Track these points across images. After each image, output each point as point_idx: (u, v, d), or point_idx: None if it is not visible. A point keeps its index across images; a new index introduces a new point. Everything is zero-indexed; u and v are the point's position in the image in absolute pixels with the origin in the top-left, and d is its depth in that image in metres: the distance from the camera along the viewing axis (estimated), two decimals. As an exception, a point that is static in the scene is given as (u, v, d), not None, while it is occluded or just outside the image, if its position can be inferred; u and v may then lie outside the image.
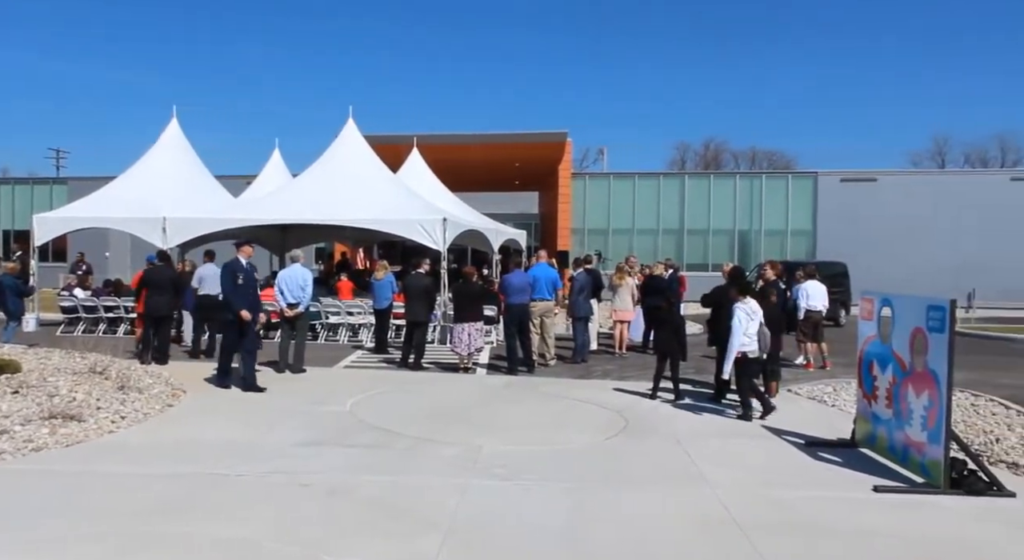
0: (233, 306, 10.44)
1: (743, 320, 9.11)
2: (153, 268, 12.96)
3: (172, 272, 13.31)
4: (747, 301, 9.26)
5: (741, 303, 9.23)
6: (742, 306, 9.20)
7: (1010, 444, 7.93)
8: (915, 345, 6.79)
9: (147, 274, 12.83)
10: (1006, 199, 32.79)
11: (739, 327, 9.08)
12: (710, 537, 5.33)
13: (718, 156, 75.02)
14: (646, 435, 8.35)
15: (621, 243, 33.90)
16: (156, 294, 12.45)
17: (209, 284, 13.58)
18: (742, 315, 9.13)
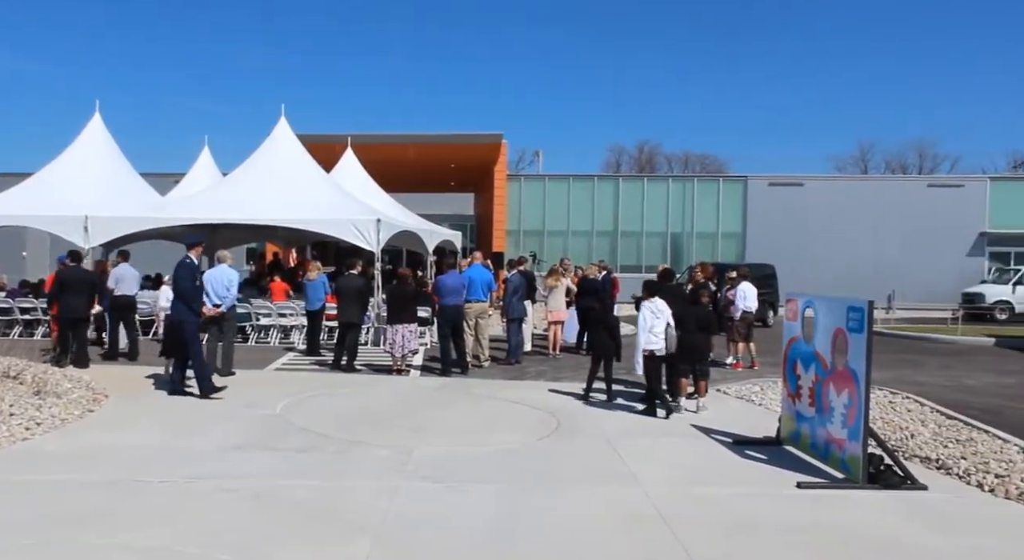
0: (196, 306, 10.21)
1: (648, 318, 9.41)
2: (66, 269, 12.47)
3: (86, 272, 12.84)
4: (654, 300, 9.55)
5: (647, 302, 9.53)
6: (648, 305, 9.52)
7: (923, 439, 8.24)
8: (836, 345, 7.00)
9: (60, 275, 12.36)
10: (924, 204, 34.09)
11: (644, 325, 9.41)
12: (638, 535, 5.40)
13: (652, 159, 76.08)
14: (578, 435, 8.42)
15: (556, 245, 34.14)
16: (71, 295, 12.00)
17: (126, 285, 13.22)
18: (647, 314, 9.44)
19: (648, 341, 9.40)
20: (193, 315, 10.21)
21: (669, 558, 5.03)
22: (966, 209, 34.02)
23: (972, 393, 11.81)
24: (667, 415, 9.37)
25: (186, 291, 10.20)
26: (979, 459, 7.42)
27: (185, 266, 10.32)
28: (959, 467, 7.21)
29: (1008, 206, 34.24)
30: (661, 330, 9.41)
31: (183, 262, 10.37)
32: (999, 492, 6.55)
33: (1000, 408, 10.55)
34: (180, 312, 10.19)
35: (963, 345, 19.19)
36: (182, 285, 10.22)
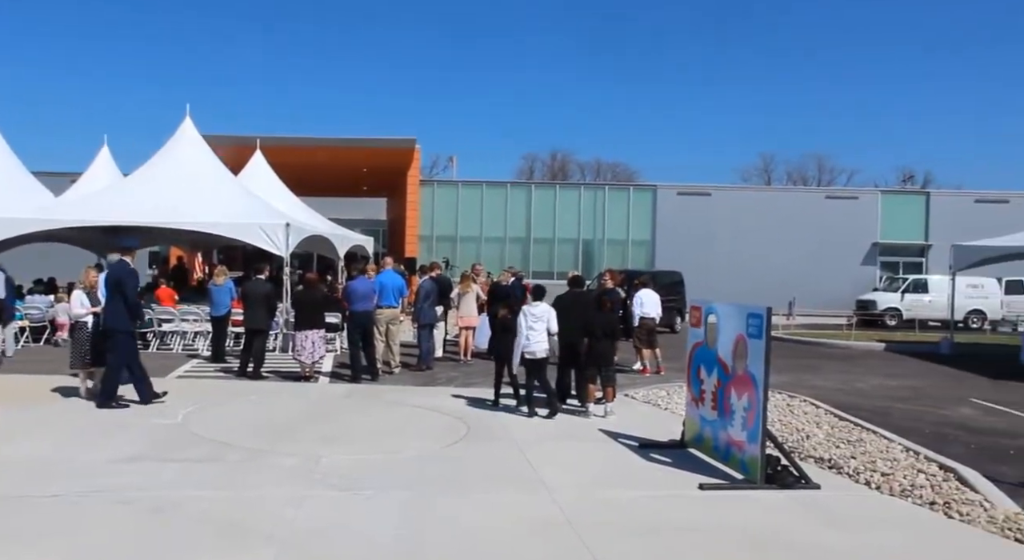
0: (138, 315, 9.78)
1: (521, 323, 9.72)
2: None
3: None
4: (534, 305, 9.85)
5: (526, 306, 9.85)
6: (526, 308, 9.79)
7: (818, 440, 8.62)
8: (737, 350, 7.25)
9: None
10: (822, 215, 35.61)
11: (519, 329, 9.70)
12: (544, 539, 5.46)
13: (565, 167, 77.01)
14: (486, 441, 8.46)
15: (469, 250, 34.19)
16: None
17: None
18: (521, 319, 9.75)
19: (525, 345, 9.67)
20: (132, 325, 9.81)
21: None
22: (860, 221, 35.70)
23: (863, 396, 12.40)
24: (528, 415, 9.66)
25: (136, 300, 9.83)
26: (867, 458, 7.81)
27: (131, 273, 9.82)
28: (849, 466, 7.56)
29: (897, 218, 36.12)
30: (538, 336, 9.64)
31: (127, 268, 9.82)
32: (884, 489, 6.91)
33: (887, 409, 11.11)
34: (119, 321, 9.62)
35: (856, 350, 20.13)
36: (132, 294, 9.75)
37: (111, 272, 9.90)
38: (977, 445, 8.98)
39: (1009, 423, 10.49)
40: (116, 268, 9.90)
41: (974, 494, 6.79)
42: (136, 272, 9.97)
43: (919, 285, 28.78)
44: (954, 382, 14.44)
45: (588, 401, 9.96)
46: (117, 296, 9.61)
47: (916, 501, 6.62)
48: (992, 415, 11.08)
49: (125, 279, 9.65)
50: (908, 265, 35.37)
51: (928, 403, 11.92)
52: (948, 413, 11.13)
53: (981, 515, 6.20)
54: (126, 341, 9.73)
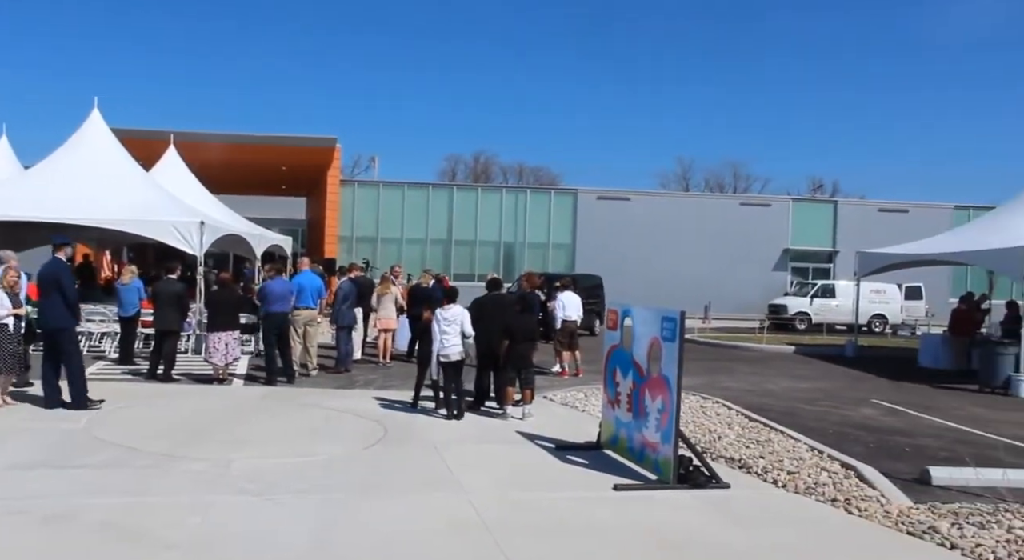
0: (77, 312, 9.40)
1: (435, 327, 9.76)
2: None
3: None
4: (447, 308, 9.84)
5: (440, 310, 9.87)
6: (439, 312, 9.83)
7: (729, 441, 8.85)
8: (651, 353, 7.38)
9: None
10: (736, 221, 36.64)
11: (434, 333, 9.74)
12: (459, 541, 5.46)
13: (487, 169, 77.21)
14: (405, 443, 8.40)
15: (389, 252, 33.91)
16: None
17: None
18: (434, 323, 9.79)
19: (440, 347, 9.70)
20: (74, 322, 9.56)
21: (489, 563, 5.11)
22: (772, 227, 36.87)
23: (773, 397, 12.79)
24: (447, 417, 9.67)
25: (74, 296, 9.50)
26: (775, 458, 8.06)
27: (67, 269, 9.58)
28: (758, 466, 7.79)
29: (807, 225, 37.45)
30: (454, 338, 9.69)
31: (62, 265, 9.56)
32: (790, 487, 7.14)
33: (795, 410, 11.49)
34: (61, 319, 9.35)
35: (768, 353, 20.75)
36: (71, 291, 9.46)
37: (48, 270, 9.55)
38: (876, 443, 9.37)
39: (906, 422, 10.98)
40: (52, 265, 9.59)
41: (872, 490, 7.08)
42: (68, 268, 9.73)
43: (827, 290, 29.89)
44: (857, 383, 15.03)
45: (506, 403, 9.99)
46: (55, 294, 9.35)
47: (819, 498, 6.86)
48: (891, 415, 11.58)
49: (63, 276, 9.50)
50: (817, 271, 36.71)
51: (833, 404, 12.38)
52: (851, 413, 11.57)
53: (878, 510, 6.47)
54: (73, 337, 9.58)
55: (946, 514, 6.37)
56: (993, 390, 14.45)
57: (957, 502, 6.76)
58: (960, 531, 5.88)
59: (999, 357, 14.63)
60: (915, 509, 6.54)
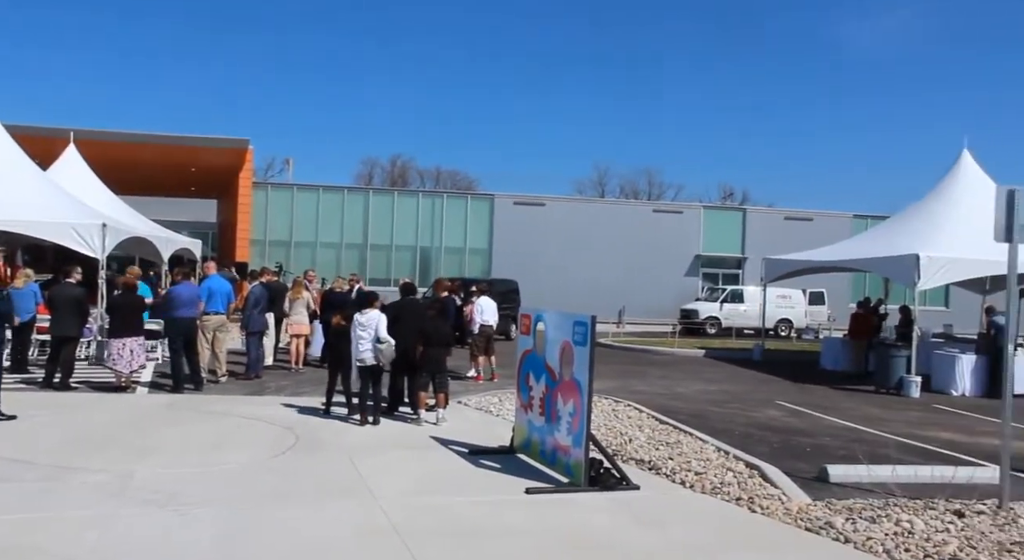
0: None
1: (352, 332, 9.70)
2: None
3: None
4: (363, 312, 9.79)
5: (357, 315, 9.80)
6: (356, 316, 9.78)
7: (640, 443, 9.04)
8: (564, 357, 7.48)
9: None
10: (650, 228, 37.43)
11: (354, 338, 9.69)
12: (370, 548, 5.41)
13: (404, 174, 76.71)
14: (316, 450, 8.28)
15: (304, 256, 33.34)
16: None
17: None
18: (352, 328, 9.74)
19: (356, 352, 9.65)
20: None
21: (400, 569, 5.09)
22: (684, 234, 37.82)
23: (683, 400, 13.12)
24: (360, 423, 9.59)
25: None
26: (683, 459, 8.27)
27: None
28: (667, 467, 7.97)
29: (717, 232, 38.55)
30: (367, 343, 9.63)
31: None
32: (697, 487, 7.34)
33: (704, 412, 11.82)
34: None
35: (679, 356, 21.26)
36: None
37: None
38: (780, 444, 9.72)
39: (808, 423, 11.43)
40: None
41: (774, 489, 7.34)
42: None
43: (736, 295, 30.83)
44: (763, 386, 15.56)
45: (420, 408, 9.95)
46: None
47: (724, 498, 7.07)
48: (794, 416, 12.03)
49: None
50: (727, 276, 37.80)
51: (740, 406, 12.78)
52: (757, 415, 11.97)
53: (779, 508, 6.71)
54: None
55: (841, 510, 6.66)
56: (888, 391, 15.17)
57: (852, 498, 7.08)
58: (853, 525, 6.15)
59: (893, 359, 15.37)
60: (813, 506, 6.81)
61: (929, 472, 7.91)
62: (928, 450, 9.71)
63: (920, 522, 6.22)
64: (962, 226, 15.51)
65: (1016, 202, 6.90)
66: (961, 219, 15.88)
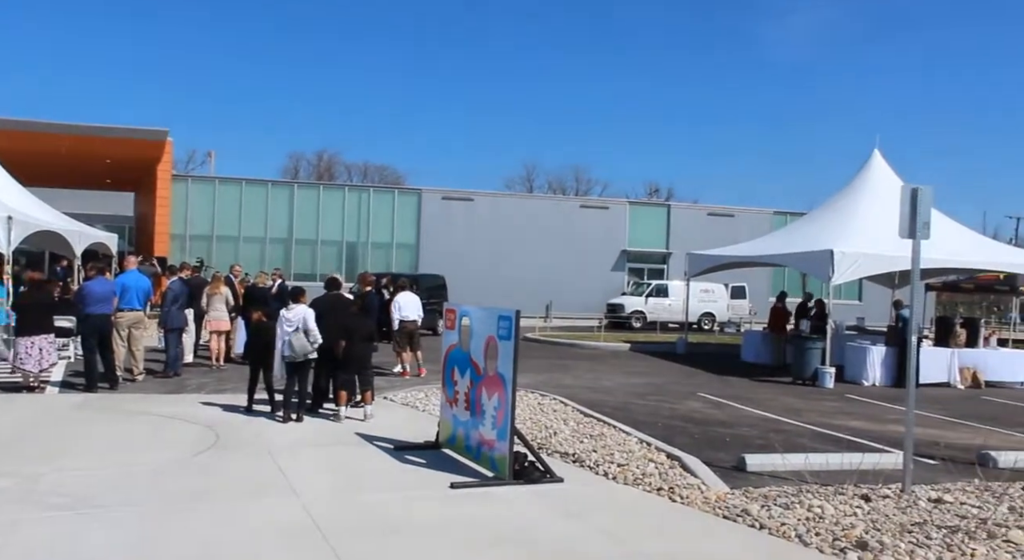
0: None
1: (278, 328, 9.60)
2: None
3: None
4: (290, 308, 9.70)
5: (284, 311, 9.71)
6: (283, 312, 9.68)
7: (564, 436, 9.13)
8: (488, 352, 7.50)
9: None
10: (577, 223, 37.75)
11: (279, 333, 9.58)
12: (291, 547, 5.34)
13: (331, 168, 75.64)
14: (237, 449, 8.12)
15: (226, 251, 32.56)
16: None
17: None
18: (278, 324, 9.64)
19: (282, 348, 9.55)
20: None
21: (321, 567, 5.04)
22: (610, 229, 38.25)
23: (608, 393, 13.30)
24: (284, 420, 9.44)
25: None
26: (607, 451, 8.40)
27: None
28: (591, 459, 8.08)
29: (643, 227, 39.13)
30: (296, 337, 9.51)
31: None
32: (620, 479, 7.46)
33: (628, 405, 12.01)
34: None
35: (605, 350, 21.54)
36: None
37: None
38: (701, 435, 9.96)
39: (728, 414, 11.73)
40: None
41: (694, 479, 7.52)
42: None
43: (661, 290, 31.38)
44: (686, 378, 15.90)
45: (344, 404, 9.84)
46: None
47: (646, 488, 7.21)
48: (715, 407, 12.33)
49: None
50: (652, 271, 38.41)
51: (663, 398, 13.03)
52: (679, 407, 12.23)
53: (698, 497, 6.88)
54: None
55: (757, 497, 6.86)
56: (804, 382, 15.69)
57: (767, 486, 7.31)
58: (768, 512, 6.35)
59: (808, 351, 15.90)
60: (731, 494, 7.00)
61: (839, 459, 8.23)
62: (840, 438, 10.09)
63: (830, 507, 6.46)
64: (873, 223, 16.14)
65: (919, 200, 7.22)
66: (872, 216, 16.52)
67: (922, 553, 5.39)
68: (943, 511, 6.54)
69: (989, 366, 16.78)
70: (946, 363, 16.43)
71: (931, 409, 12.63)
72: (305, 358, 9.68)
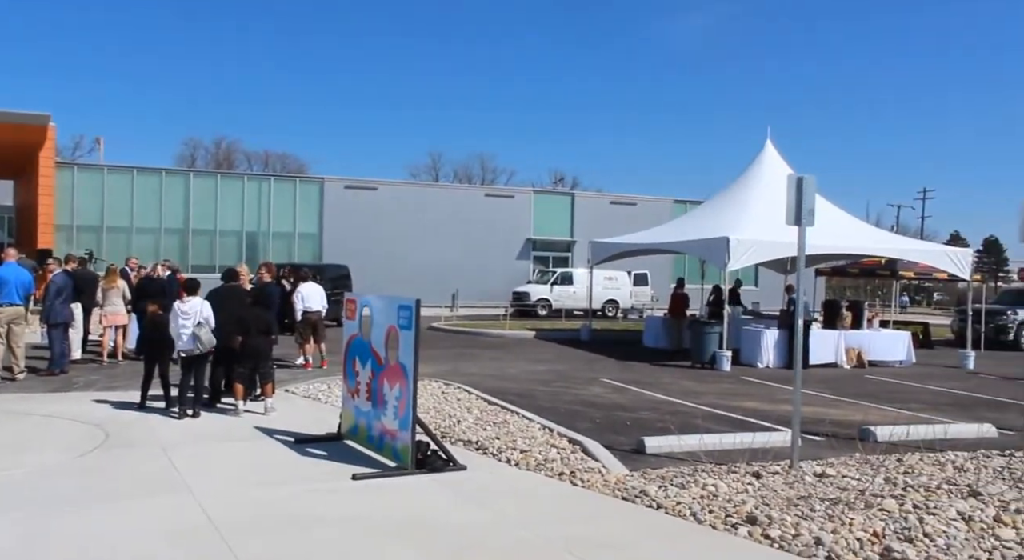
0: None
1: (173, 321, 9.37)
2: None
3: None
4: (185, 300, 9.44)
5: (177, 303, 9.46)
6: (177, 304, 9.44)
7: (468, 424, 9.17)
8: (389, 341, 7.44)
9: None
10: (482, 212, 37.82)
11: (174, 326, 9.36)
12: (184, 547, 5.18)
13: (230, 156, 73.43)
14: (128, 447, 7.82)
15: (118, 242, 31.22)
16: None
17: None
18: (173, 316, 9.40)
19: (179, 343, 9.31)
20: None
21: (216, 565, 4.91)
22: (516, 218, 38.49)
23: (512, 380, 13.41)
24: (179, 416, 9.20)
25: None
26: (509, 438, 8.47)
27: None
28: (494, 447, 8.14)
29: (548, 216, 39.52)
30: (188, 330, 9.27)
31: None
32: (522, 465, 7.54)
33: (532, 392, 12.14)
34: None
35: (510, 338, 21.69)
36: None
37: None
38: (602, 419, 10.15)
39: (629, 398, 12.00)
40: None
41: (595, 462, 7.67)
42: None
43: (566, 278, 31.79)
44: (590, 364, 16.17)
45: (242, 398, 9.60)
46: None
47: (548, 473, 7.30)
48: (617, 392, 12.59)
49: None
50: (557, 259, 38.87)
51: (566, 384, 13.22)
52: (582, 392, 12.43)
53: (598, 480, 7.02)
54: None
55: (655, 478, 7.05)
56: (702, 365, 16.18)
57: (665, 467, 7.52)
58: (665, 492, 6.53)
59: (706, 336, 16.41)
60: (630, 476, 7.17)
61: (732, 439, 8.54)
62: (734, 418, 10.46)
63: (723, 485, 6.70)
64: (766, 210, 16.72)
65: (803, 189, 7.54)
66: (765, 204, 17.11)
67: (806, 525, 5.65)
68: (826, 484, 6.88)
69: (872, 346, 17.71)
70: (834, 344, 17.23)
71: (819, 388, 13.24)
72: (202, 352, 9.41)
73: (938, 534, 5.50)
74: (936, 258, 18.92)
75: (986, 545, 5.37)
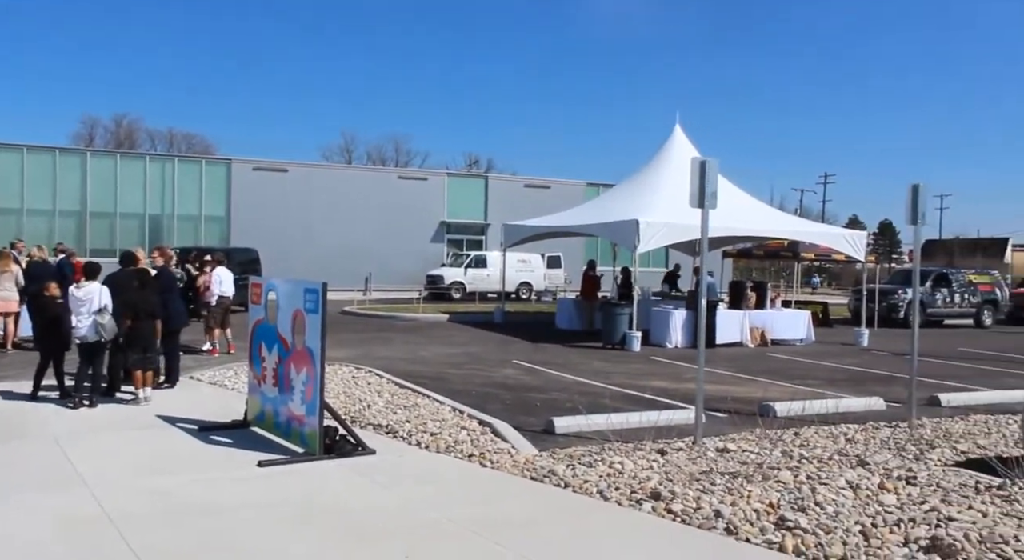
0: None
1: (73, 305, 9.03)
2: None
3: None
4: (81, 285, 9.10)
5: (73, 287, 9.11)
6: (72, 290, 9.07)
7: (378, 408, 9.11)
8: (296, 326, 7.31)
9: None
10: (396, 194, 37.45)
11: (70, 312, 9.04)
12: (76, 541, 4.99)
13: (132, 135, 70.48)
14: (17, 439, 7.48)
15: (7, 225, 29.65)
16: None
17: None
18: (70, 301, 9.07)
19: (75, 329, 8.95)
20: None
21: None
22: (429, 201, 38.28)
23: (425, 364, 13.38)
24: (75, 406, 8.85)
25: None
26: (420, 421, 8.45)
27: None
28: (404, 430, 8.11)
29: (462, 199, 39.44)
30: (86, 317, 8.91)
31: None
32: (432, 448, 7.54)
33: (444, 375, 12.14)
34: None
35: (424, 322, 21.61)
36: None
37: None
38: (513, 401, 10.24)
39: (541, 380, 12.13)
40: None
41: (505, 443, 7.74)
42: None
43: (480, 261, 31.82)
44: (503, 347, 16.26)
45: (142, 386, 9.26)
46: None
47: (458, 455, 7.33)
48: (529, 374, 12.71)
49: None
50: (471, 242, 38.85)
51: (479, 366, 13.27)
52: (494, 374, 12.50)
53: (508, 461, 7.09)
54: None
55: (563, 458, 7.16)
56: (613, 346, 16.47)
57: (573, 446, 7.65)
58: (573, 471, 6.65)
59: (617, 317, 16.70)
60: (539, 456, 7.26)
61: (639, 417, 8.75)
62: (642, 397, 10.70)
63: (629, 463, 6.86)
64: (674, 193, 17.05)
65: (706, 172, 7.73)
66: (674, 187, 17.44)
67: (707, 498, 5.84)
68: (727, 459, 7.12)
69: (775, 326, 18.38)
70: (739, 324, 17.80)
71: (724, 367, 13.66)
72: (106, 340, 9.02)
73: (828, 502, 5.77)
74: (834, 240, 19.73)
75: (870, 511, 5.66)
